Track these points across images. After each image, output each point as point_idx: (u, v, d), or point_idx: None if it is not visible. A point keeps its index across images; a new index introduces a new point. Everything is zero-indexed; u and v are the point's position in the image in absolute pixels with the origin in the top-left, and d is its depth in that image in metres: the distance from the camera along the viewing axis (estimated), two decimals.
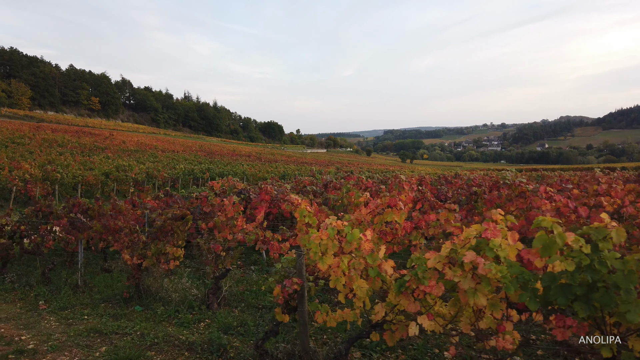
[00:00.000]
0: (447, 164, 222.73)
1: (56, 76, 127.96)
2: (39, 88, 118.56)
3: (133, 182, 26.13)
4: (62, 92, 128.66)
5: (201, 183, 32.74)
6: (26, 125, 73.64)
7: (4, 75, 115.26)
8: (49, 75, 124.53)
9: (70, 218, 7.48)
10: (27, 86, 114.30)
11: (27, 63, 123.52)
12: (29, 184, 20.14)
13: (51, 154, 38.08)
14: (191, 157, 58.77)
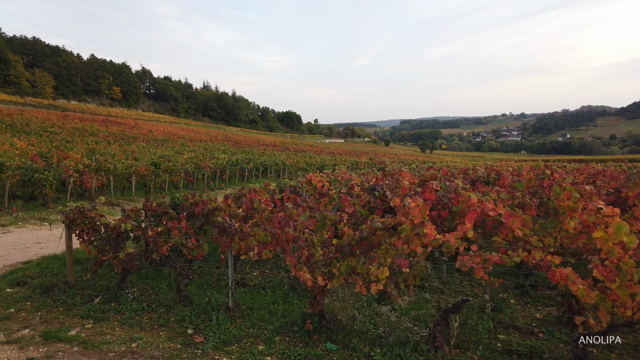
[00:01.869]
0: (467, 154, 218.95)
1: (78, 65, 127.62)
2: (62, 77, 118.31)
3: (184, 172, 24.74)
4: (84, 81, 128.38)
5: (247, 174, 31.26)
6: (54, 115, 73.02)
7: (27, 65, 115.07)
8: (71, 64, 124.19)
9: (218, 223, 5.89)
10: (50, 75, 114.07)
11: (50, 52, 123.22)
12: (85, 174, 18.80)
13: (89, 143, 36.93)
14: (221, 147, 57.41)
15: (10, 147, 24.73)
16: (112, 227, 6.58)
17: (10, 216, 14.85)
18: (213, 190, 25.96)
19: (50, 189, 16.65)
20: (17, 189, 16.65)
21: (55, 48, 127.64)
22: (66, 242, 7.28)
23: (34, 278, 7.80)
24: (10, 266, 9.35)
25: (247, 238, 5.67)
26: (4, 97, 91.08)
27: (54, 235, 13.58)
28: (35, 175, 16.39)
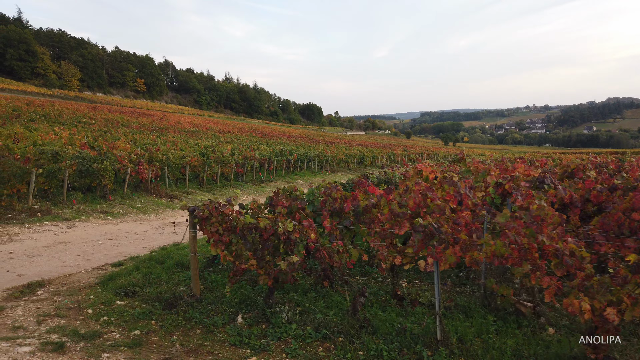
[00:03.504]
0: (490, 147, 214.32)
1: (103, 58, 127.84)
2: (87, 70, 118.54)
3: (235, 163, 23.43)
4: (108, 73, 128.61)
5: (292, 166, 29.85)
6: (83, 106, 72.77)
7: (54, 57, 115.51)
8: (97, 57, 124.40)
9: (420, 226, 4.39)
10: (76, 68, 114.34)
11: (76, 45, 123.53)
12: (140, 165, 17.58)
13: (126, 133, 35.96)
14: (251, 138, 56.22)
15: (55, 136, 23.71)
16: (262, 227, 5.15)
17: (72, 209, 13.67)
18: (262, 182, 24.64)
19: (109, 180, 15.44)
20: (74, 180, 15.49)
21: (80, 40, 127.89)
22: (191, 244, 5.88)
23: (142, 287, 6.45)
24: (99, 268, 8.04)
25: (473, 248, 4.16)
26: (32, 89, 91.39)
27: (122, 230, 12.37)
28: (94, 165, 15.18)
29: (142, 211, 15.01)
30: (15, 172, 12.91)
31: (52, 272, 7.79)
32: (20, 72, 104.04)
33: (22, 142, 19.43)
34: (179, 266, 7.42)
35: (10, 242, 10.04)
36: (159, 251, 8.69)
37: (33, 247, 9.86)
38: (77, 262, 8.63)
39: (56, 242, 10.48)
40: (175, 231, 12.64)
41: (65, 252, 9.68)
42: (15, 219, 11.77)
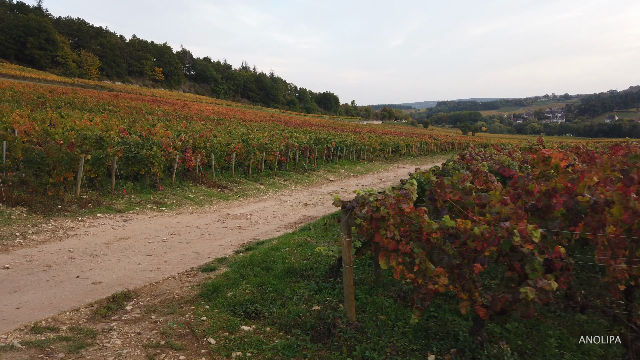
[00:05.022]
0: (509, 136, 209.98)
1: (122, 46, 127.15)
2: (107, 58, 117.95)
3: (278, 151, 21.98)
4: (127, 62, 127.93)
5: (332, 154, 28.26)
6: (105, 94, 71.98)
7: (73, 46, 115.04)
8: (115, 45, 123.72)
9: None
10: (96, 56, 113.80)
11: (94, 34, 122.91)
12: (187, 152, 16.18)
13: (155, 121, 34.74)
14: (275, 126, 54.78)
15: (89, 122, 22.48)
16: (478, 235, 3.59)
17: (122, 199, 12.33)
18: (306, 171, 23.15)
19: (159, 168, 14.07)
20: (120, 168, 14.16)
21: (99, 29, 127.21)
22: (344, 252, 4.37)
23: (264, 304, 4.99)
24: (187, 274, 6.62)
25: None
26: (53, 78, 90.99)
27: (182, 224, 11.00)
28: (142, 151, 13.81)
29: (196, 202, 13.63)
30: (61, 159, 11.57)
31: (131, 278, 6.39)
32: (41, 61, 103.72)
33: (58, 128, 18.19)
34: (292, 274, 5.95)
35: (66, 239, 8.70)
36: (252, 253, 7.22)
37: (93, 244, 8.51)
38: (153, 264, 7.23)
39: (117, 238, 9.13)
40: (240, 226, 11.24)
41: (132, 250, 8.31)
42: (66, 210, 10.44)
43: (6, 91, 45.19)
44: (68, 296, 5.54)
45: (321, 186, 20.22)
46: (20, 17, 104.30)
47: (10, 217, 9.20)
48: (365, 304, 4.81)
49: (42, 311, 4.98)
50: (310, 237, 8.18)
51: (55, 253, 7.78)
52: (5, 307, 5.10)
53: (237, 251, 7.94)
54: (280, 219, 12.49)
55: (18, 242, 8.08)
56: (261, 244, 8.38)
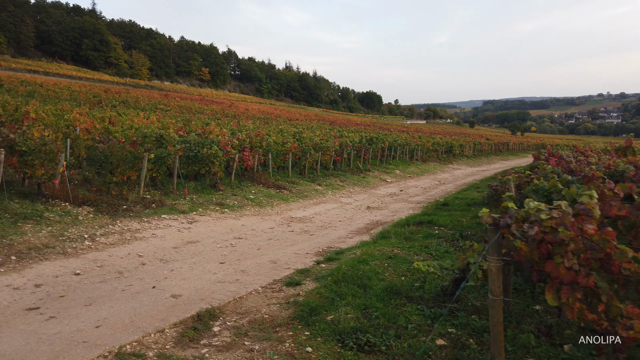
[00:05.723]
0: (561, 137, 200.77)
1: (170, 47, 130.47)
2: (156, 59, 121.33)
3: (333, 151, 21.26)
4: (175, 62, 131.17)
5: (386, 154, 27.25)
6: (155, 93, 73.78)
7: (125, 47, 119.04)
8: (164, 46, 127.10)
9: None
10: (146, 57, 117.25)
11: (145, 35, 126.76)
12: (245, 151, 15.72)
13: (205, 119, 34.85)
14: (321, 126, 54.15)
15: (145, 120, 22.54)
16: None
17: (185, 200, 11.93)
18: (362, 171, 22.31)
19: (219, 167, 13.64)
20: (180, 167, 13.82)
21: (149, 31, 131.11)
22: (492, 284, 3.50)
23: (375, 334, 4.22)
24: (270, 288, 5.95)
25: None
26: (106, 78, 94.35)
27: (247, 227, 10.45)
28: (203, 150, 13.41)
29: (257, 203, 13.09)
30: (125, 157, 11.27)
31: (212, 291, 5.79)
32: (95, 62, 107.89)
33: (117, 126, 18.20)
34: (395, 295, 5.15)
35: (134, 242, 8.28)
36: (338, 266, 6.47)
37: (162, 249, 8.04)
38: (230, 274, 6.63)
39: (184, 242, 8.65)
40: (307, 231, 10.56)
41: (202, 256, 7.77)
42: (131, 211, 10.10)
43: (64, 90, 46.86)
44: (149, 312, 4.98)
45: (379, 188, 19.34)
46: (76, 19, 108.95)
47: (77, 217, 8.90)
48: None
49: (124, 332, 4.42)
50: (396, 248, 7.36)
51: (125, 258, 7.34)
52: (84, 325, 4.59)
53: (317, 261, 7.22)
54: (346, 223, 11.74)
55: (87, 245, 7.70)
56: (341, 253, 7.63)
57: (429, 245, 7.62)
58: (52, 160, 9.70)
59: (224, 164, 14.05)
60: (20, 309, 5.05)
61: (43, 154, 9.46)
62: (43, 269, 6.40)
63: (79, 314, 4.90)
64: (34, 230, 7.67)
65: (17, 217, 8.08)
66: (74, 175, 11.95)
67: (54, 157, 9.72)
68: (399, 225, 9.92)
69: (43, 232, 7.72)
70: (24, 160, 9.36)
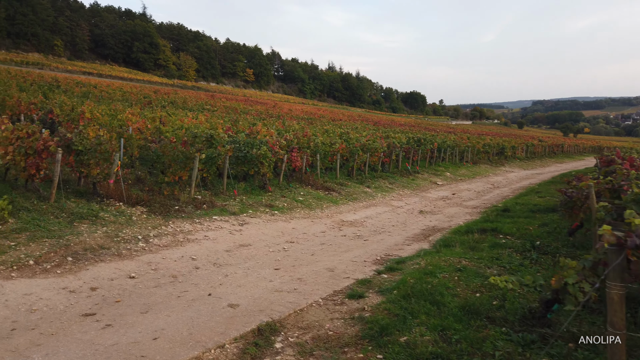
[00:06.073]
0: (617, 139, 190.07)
1: (216, 49, 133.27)
2: (203, 61, 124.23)
3: (383, 152, 20.69)
4: (221, 64, 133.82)
5: (435, 156, 26.37)
6: (202, 94, 75.43)
7: (173, 49, 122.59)
8: (211, 48, 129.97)
9: None
10: (193, 59, 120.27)
11: (192, 37, 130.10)
12: (294, 152, 15.45)
13: (251, 120, 35.05)
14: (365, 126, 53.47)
15: (194, 120, 22.78)
16: None
17: (235, 201, 11.76)
18: (411, 174, 21.60)
19: (268, 168, 13.42)
20: (229, 167, 13.70)
21: (196, 33, 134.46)
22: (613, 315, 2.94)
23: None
24: (331, 299, 5.56)
25: None
26: (155, 79, 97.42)
27: (297, 230, 10.14)
28: (252, 150, 13.23)
29: (307, 205, 12.77)
30: (177, 157, 11.21)
31: (269, 301, 5.46)
32: (145, 64, 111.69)
33: (168, 126, 18.40)
34: (474, 315, 4.61)
35: (187, 244, 8.11)
36: (403, 278, 5.98)
37: (215, 252, 7.83)
38: (286, 282, 6.29)
39: (236, 245, 8.41)
40: (360, 235, 10.12)
41: (255, 260, 7.50)
42: (182, 212, 9.99)
43: (116, 91, 48.53)
44: (207, 323, 4.69)
45: (430, 191, 18.61)
46: (127, 23, 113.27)
47: (131, 217, 8.84)
48: None
49: (183, 346, 4.14)
50: (463, 259, 6.79)
51: (179, 261, 7.15)
52: (141, 336, 4.34)
53: (377, 271, 6.77)
54: (400, 228, 11.20)
55: (141, 246, 7.58)
56: (402, 262, 7.13)
57: (499, 256, 6.99)
58: (107, 160, 9.73)
59: (272, 165, 13.82)
60: (77, 314, 4.89)
61: (98, 154, 9.49)
62: (99, 271, 6.29)
63: (135, 323, 4.68)
64: (90, 231, 7.63)
65: (74, 216, 8.08)
66: (127, 175, 12.05)
67: (108, 157, 9.74)
68: (460, 233, 9.30)
69: (98, 232, 7.66)
70: (80, 160, 9.43)
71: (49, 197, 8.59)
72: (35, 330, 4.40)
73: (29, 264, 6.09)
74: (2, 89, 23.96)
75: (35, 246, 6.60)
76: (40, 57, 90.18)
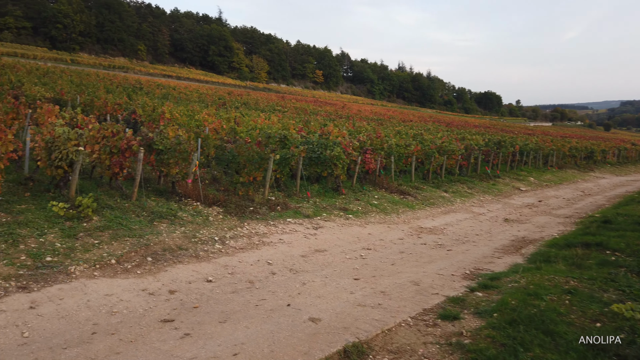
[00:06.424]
0: None
1: (287, 51, 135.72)
2: (274, 63, 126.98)
3: (461, 155, 19.59)
4: (291, 65, 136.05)
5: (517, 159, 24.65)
6: (273, 96, 76.98)
7: (246, 52, 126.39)
8: (282, 50, 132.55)
9: None
10: (265, 61, 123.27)
11: (265, 40, 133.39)
12: (367, 154, 14.94)
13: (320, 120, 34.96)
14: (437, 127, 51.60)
15: (267, 120, 22.96)
16: None
17: (308, 203, 11.46)
18: (491, 178, 20.29)
19: (342, 170, 13.01)
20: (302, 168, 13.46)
21: (268, 36, 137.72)
22: None
23: None
24: (420, 319, 5.00)
25: None
26: (229, 81, 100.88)
27: (374, 236, 9.62)
28: (326, 152, 12.88)
29: (382, 210, 12.20)
30: (252, 158, 11.11)
31: (353, 317, 5.01)
32: (220, 66, 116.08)
33: (242, 126, 18.61)
34: (599, 352, 3.87)
35: (262, 247, 7.88)
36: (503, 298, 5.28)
37: (290, 256, 7.52)
38: (368, 294, 5.81)
39: (312, 250, 8.06)
40: (442, 244, 9.41)
41: (332, 268, 7.09)
42: (257, 213, 9.83)
43: (193, 93, 50.62)
44: (288, 339, 4.33)
45: (513, 197, 17.30)
46: (204, 27, 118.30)
47: (208, 218, 8.79)
48: None
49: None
50: (571, 279, 5.93)
51: (255, 265, 6.91)
52: (221, 350, 4.06)
53: (469, 288, 6.09)
54: (485, 237, 10.33)
55: (217, 248, 7.44)
56: (496, 279, 6.40)
57: (614, 277, 6.05)
58: (185, 160, 9.79)
59: (346, 167, 13.40)
60: (156, 319, 4.72)
61: (178, 153, 9.56)
62: (177, 273, 6.17)
63: (214, 334, 4.42)
64: (169, 231, 7.61)
65: (154, 215, 8.13)
66: (204, 175, 12.16)
67: (187, 157, 9.79)
68: (558, 246, 8.33)
69: (177, 232, 7.63)
70: (160, 159, 9.55)
71: (131, 196, 8.74)
72: (115, 335, 4.26)
73: (111, 263, 6.10)
74: (91, 91, 25.64)
75: (117, 245, 6.63)
76: (125, 61, 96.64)
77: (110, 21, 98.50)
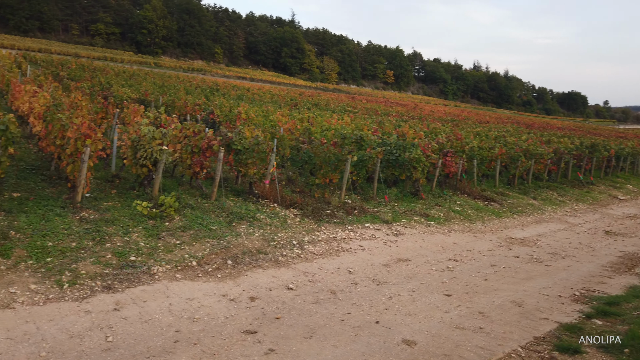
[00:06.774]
0: None
1: (358, 52, 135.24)
2: (344, 64, 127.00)
3: (548, 159, 18.06)
4: (362, 66, 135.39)
5: (613, 164, 22.42)
6: (343, 96, 76.85)
7: (317, 54, 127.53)
8: (352, 51, 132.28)
9: None
10: (335, 62, 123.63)
11: (336, 41, 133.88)
12: (449, 156, 14.09)
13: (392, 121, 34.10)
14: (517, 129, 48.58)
15: (340, 121, 22.64)
16: None
17: (386, 208, 10.91)
18: (584, 185, 18.51)
19: (422, 173, 12.32)
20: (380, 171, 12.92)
21: (339, 37, 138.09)
22: None
23: None
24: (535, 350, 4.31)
25: None
26: (300, 82, 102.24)
27: (459, 246, 8.88)
28: (405, 154, 12.25)
29: (465, 217, 11.37)
30: (328, 159, 10.76)
31: (454, 342, 4.45)
32: (291, 68, 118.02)
33: (316, 127, 18.41)
34: None
35: (342, 253, 7.48)
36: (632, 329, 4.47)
37: (372, 265, 7.05)
38: (465, 314, 5.20)
39: (394, 259, 7.53)
40: (537, 258, 8.49)
41: (419, 281, 6.53)
42: (334, 217, 9.45)
43: (266, 94, 51.61)
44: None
45: (611, 207, 15.62)
46: (277, 30, 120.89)
47: (285, 220, 8.54)
48: None
49: None
50: None
51: (335, 273, 6.52)
52: None
53: (584, 314, 5.29)
54: (587, 252, 9.23)
55: (296, 252, 7.14)
56: (615, 304, 5.53)
57: None
58: (263, 160, 9.64)
59: (426, 170, 12.68)
60: (238, 329, 4.46)
61: (256, 154, 9.43)
62: (257, 278, 5.93)
63: (300, 351, 4.06)
64: (247, 233, 7.43)
65: (233, 216, 8.01)
66: (280, 176, 12.01)
67: (265, 157, 9.64)
68: None
69: (255, 235, 7.43)
70: (239, 159, 9.46)
71: (211, 195, 8.70)
72: (198, 346, 4.03)
73: (192, 265, 5.98)
74: (172, 92, 26.76)
75: (198, 246, 6.52)
76: (203, 64, 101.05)
77: (190, 26, 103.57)
